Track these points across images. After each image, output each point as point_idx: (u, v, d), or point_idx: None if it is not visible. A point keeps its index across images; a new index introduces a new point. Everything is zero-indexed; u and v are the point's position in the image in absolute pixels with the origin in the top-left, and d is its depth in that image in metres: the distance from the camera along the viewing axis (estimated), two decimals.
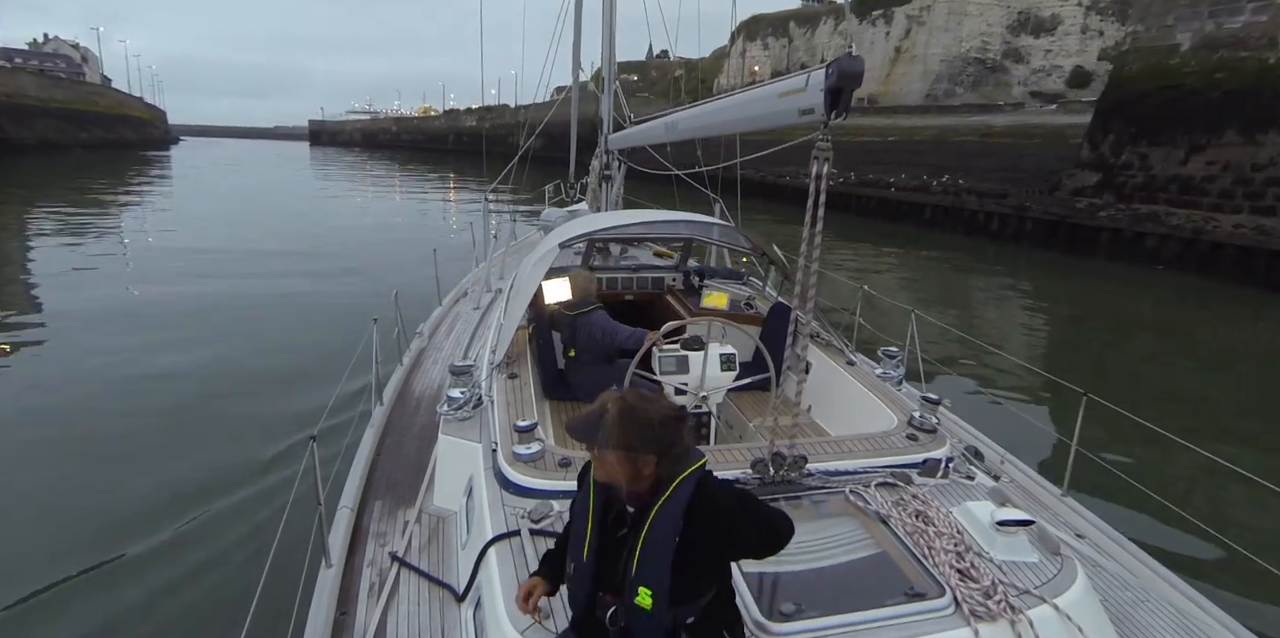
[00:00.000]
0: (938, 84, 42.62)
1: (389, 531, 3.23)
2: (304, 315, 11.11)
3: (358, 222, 24.75)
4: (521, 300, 4.08)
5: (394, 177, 52.83)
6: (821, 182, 2.28)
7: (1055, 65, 40.88)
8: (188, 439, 6.44)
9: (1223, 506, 6.04)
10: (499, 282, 6.60)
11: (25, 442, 6.44)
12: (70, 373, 8.30)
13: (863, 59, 2.14)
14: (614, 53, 8.16)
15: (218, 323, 10.55)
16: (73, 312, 11.23)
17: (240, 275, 14.15)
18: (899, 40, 45.14)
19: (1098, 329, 12.94)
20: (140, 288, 13.03)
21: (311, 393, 6.70)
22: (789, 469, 2.57)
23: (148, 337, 9.81)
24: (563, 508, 2.42)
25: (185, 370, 8.34)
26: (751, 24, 57.92)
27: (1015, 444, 4.09)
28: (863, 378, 3.87)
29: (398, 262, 14.92)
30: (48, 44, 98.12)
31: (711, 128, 4.22)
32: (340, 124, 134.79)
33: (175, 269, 14.66)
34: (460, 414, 3.35)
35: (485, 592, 2.21)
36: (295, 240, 18.86)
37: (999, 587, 2.03)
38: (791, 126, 2.69)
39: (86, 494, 5.48)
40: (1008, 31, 42.13)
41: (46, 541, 4.89)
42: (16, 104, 52.87)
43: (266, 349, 9.32)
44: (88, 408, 7.25)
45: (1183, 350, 11.68)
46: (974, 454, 3.17)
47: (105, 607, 4.25)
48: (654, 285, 6.11)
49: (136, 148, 69.31)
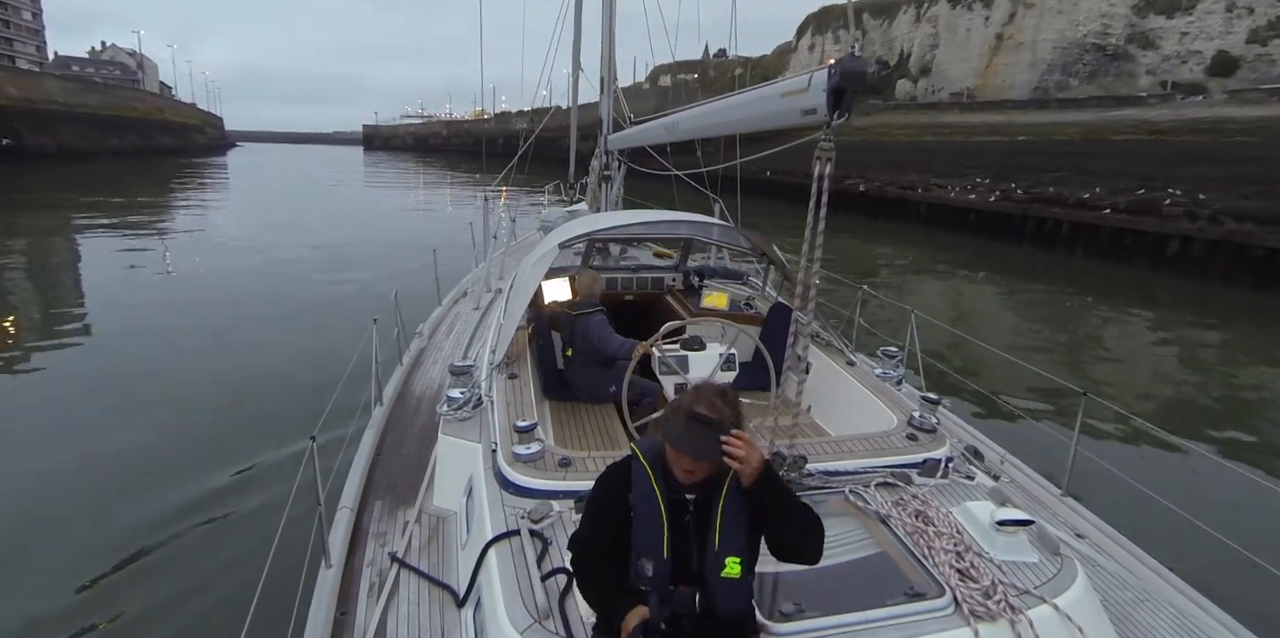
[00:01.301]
0: (1049, 75, 37.01)
1: (389, 531, 3.22)
2: (305, 318, 11.13)
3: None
4: (521, 300, 4.08)
5: (444, 180, 51.14)
6: (823, 182, 2.28)
7: (1193, 50, 33.77)
8: (187, 439, 6.43)
9: (1223, 506, 6.03)
10: (499, 282, 6.60)
11: (24, 440, 6.44)
12: (69, 372, 8.30)
13: (866, 59, 2.14)
14: (613, 53, 8.16)
15: (219, 322, 10.56)
16: (73, 307, 11.23)
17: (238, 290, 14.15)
18: (1000, 26, 40.03)
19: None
20: (149, 290, 13.04)
21: (312, 393, 6.69)
22: (789, 469, 2.57)
23: (150, 336, 9.82)
24: (562, 508, 2.42)
25: (186, 369, 8.34)
26: (821, 16, 54.61)
27: (1015, 444, 4.09)
28: (863, 378, 3.87)
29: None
30: (105, 52, 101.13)
31: (713, 128, 4.21)
32: (393, 128, 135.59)
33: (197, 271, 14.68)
34: (460, 414, 3.35)
35: (485, 592, 2.20)
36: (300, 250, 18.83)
37: (999, 587, 2.03)
38: (796, 127, 2.68)
39: (86, 494, 5.48)
40: (1133, 13, 35.49)
41: (46, 541, 4.89)
42: (37, 109, 51.52)
43: (267, 351, 9.32)
44: (88, 407, 7.25)
45: None
46: (974, 454, 3.17)
47: (105, 607, 4.24)
48: (654, 285, 6.11)
49: (176, 154, 67.45)
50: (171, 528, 5.03)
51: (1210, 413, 8.46)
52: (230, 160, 72.29)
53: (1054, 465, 3.93)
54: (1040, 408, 7.90)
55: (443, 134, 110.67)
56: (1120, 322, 13.31)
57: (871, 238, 22.69)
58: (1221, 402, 8.96)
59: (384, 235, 21.29)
